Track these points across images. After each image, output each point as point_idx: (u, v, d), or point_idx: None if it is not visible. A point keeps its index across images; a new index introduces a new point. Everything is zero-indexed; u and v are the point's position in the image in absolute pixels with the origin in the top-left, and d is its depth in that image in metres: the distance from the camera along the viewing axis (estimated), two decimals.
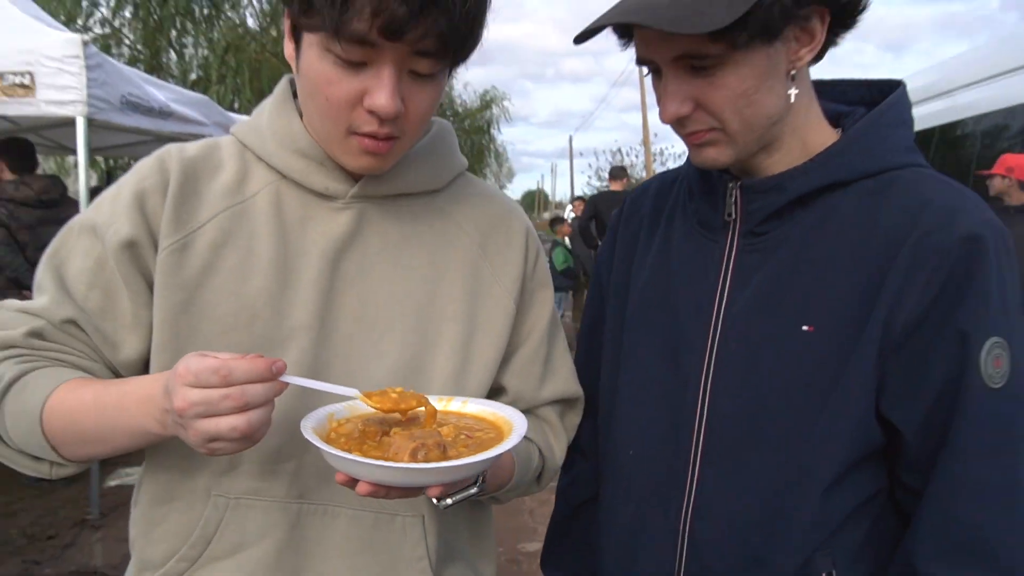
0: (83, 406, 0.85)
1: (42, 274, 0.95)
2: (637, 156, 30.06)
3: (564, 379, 1.09)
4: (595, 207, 7.62)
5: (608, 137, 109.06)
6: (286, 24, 0.90)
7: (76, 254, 0.94)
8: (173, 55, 12.28)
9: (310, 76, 0.86)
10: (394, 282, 0.97)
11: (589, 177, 42.42)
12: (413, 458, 0.75)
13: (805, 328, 0.88)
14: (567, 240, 10.15)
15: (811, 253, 0.90)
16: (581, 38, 0.89)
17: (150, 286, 0.92)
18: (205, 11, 11.98)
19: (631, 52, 0.93)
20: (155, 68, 11.94)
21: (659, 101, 0.92)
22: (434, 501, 0.84)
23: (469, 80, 32.76)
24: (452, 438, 0.82)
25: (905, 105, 0.96)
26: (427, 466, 0.74)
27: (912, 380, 0.85)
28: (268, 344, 0.91)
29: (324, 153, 0.94)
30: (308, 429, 0.78)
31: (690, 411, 0.96)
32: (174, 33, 11.92)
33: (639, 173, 29.53)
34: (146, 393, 0.81)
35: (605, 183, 8.77)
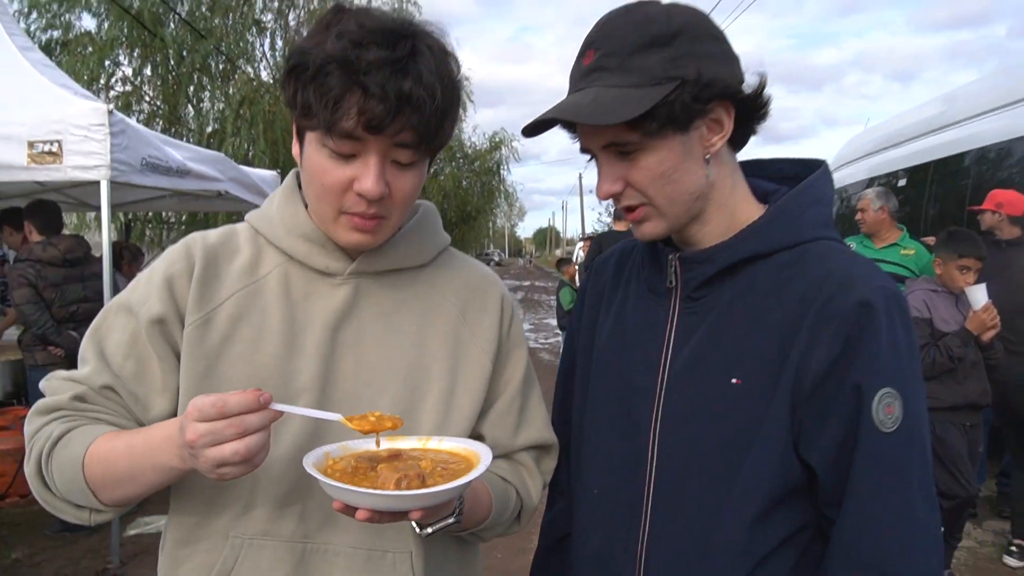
0: (116, 452, 0.99)
1: (85, 347, 1.10)
2: None
3: (538, 428, 1.22)
4: (599, 247, 7.74)
5: None
6: (294, 128, 1.06)
7: (114, 329, 1.09)
8: (191, 109, 12.68)
9: (310, 167, 1.02)
10: (387, 346, 1.11)
11: (600, 214, 42.69)
12: (397, 487, 0.88)
13: (734, 381, 1.02)
14: (576, 279, 10.28)
15: (737, 315, 1.04)
16: (528, 132, 1.06)
17: (177, 356, 1.07)
18: (221, 67, 12.40)
19: None
20: (173, 122, 12.34)
21: (597, 183, 1.07)
22: (417, 529, 0.99)
23: (478, 123, 33.23)
24: (430, 470, 0.94)
25: (822, 183, 1.09)
26: (408, 493, 0.87)
27: (820, 426, 0.97)
28: (282, 403, 1.03)
29: (325, 236, 1.09)
30: (309, 465, 0.91)
31: (643, 454, 1.09)
32: (192, 88, 12.33)
33: None
34: (167, 434, 0.95)
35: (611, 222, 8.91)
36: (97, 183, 3.88)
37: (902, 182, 6.87)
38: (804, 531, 1.02)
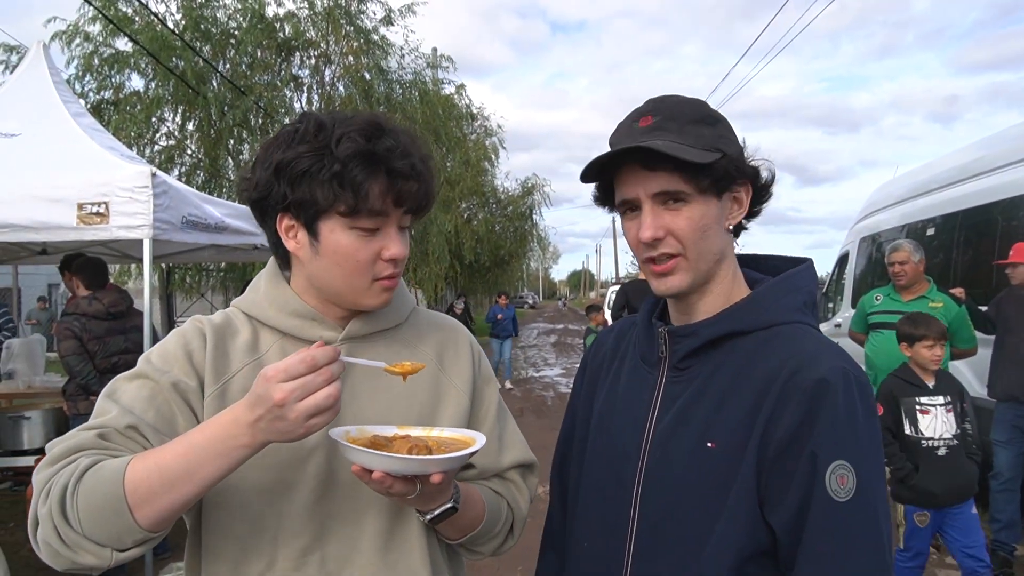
0: (167, 452, 1.01)
1: (101, 404, 1.13)
2: None
3: (519, 449, 1.37)
4: (626, 296, 7.77)
5: None
6: (284, 227, 1.16)
7: (130, 389, 1.14)
8: (230, 161, 13.14)
9: (337, 251, 1.14)
10: (379, 400, 1.23)
11: (633, 257, 42.60)
12: (409, 453, 1.03)
13: (709, 444, 1.10)
14: (604, 326, 10.30)
15: (715, 385, 1.13)
16: (589, 174, 1.17)
17: (196, 418, 1.16)
18: (260, 120, 12.87)
19: None
20: (214, 174, 12.80)
21: (634, 232, 1.15)
22: (420, 517, 1.15)
23: (511, 169, 33.65)
24: (436, 447, 1.09)
25: (801, 276, 1.20)
26: (419, 457, 1.02)
27: (781, 492, 1.04)
28: (294, 462, 1.15)
29: (315, 311, 1.22)
30: (335, 434, 1.05)
31: (626, 513, 1.17)
32: (232, 142, 12.80)
33: None
34: (230, 418, 0.99)
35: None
36: (140, 239, 4.08)
37: (931, 231, 6.81)
38: None
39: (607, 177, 1.18)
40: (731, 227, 1.17)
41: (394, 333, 1.30)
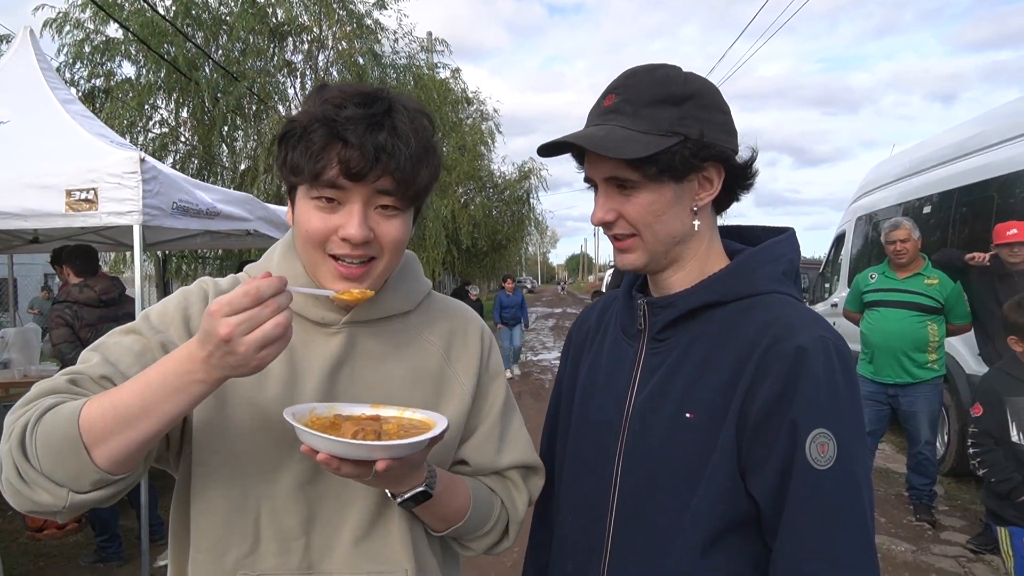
0: (124, 390, 0.97)
1: (87, 352, 1.12)
2: None
3: (521, 450, 1.31)
4: (621, 276, 7.75)
5: None
6: (288, 197, 1.17)
7: (121, 344, 1.12)
8: (225, 148, 13.07)
9: (300, 219, 1.11)
10: (378, 390, 1.19)
11: None
12: (355, 437, 0.99)
13: (687, 415, 1.09)
14: None
15: (694, 356, 1.12)
16: (544, 151, 1.17)
17: None
18: (254, 108, 12.79)
19: None
20: (208, 161, 12.73)
21: (593, 210, 1.18)
22: (391, 497, 1.11)
23: (508, 153, 33.51)
24: (393, 431, 1.04)
25: (782, 246, 1.19)
26: (361, 443, 0.97)
27: (761, 460, 1.04)
28: (283, 442, 1.13)
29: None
30: (288, 413, 1.01)
31: (607, 484, 1.17)
32: (226, 128, 12.71)
33: None
34: (184, 353, 0.95)
35: None
36: (129, 225, 4.06)
37: (928, 208, 6.79)
38: (758, 559, 1.07)
39: (579, 153, 1.18)
40: (696, 208, 1.14)
41: (402, 320, 1.26)
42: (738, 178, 1.16)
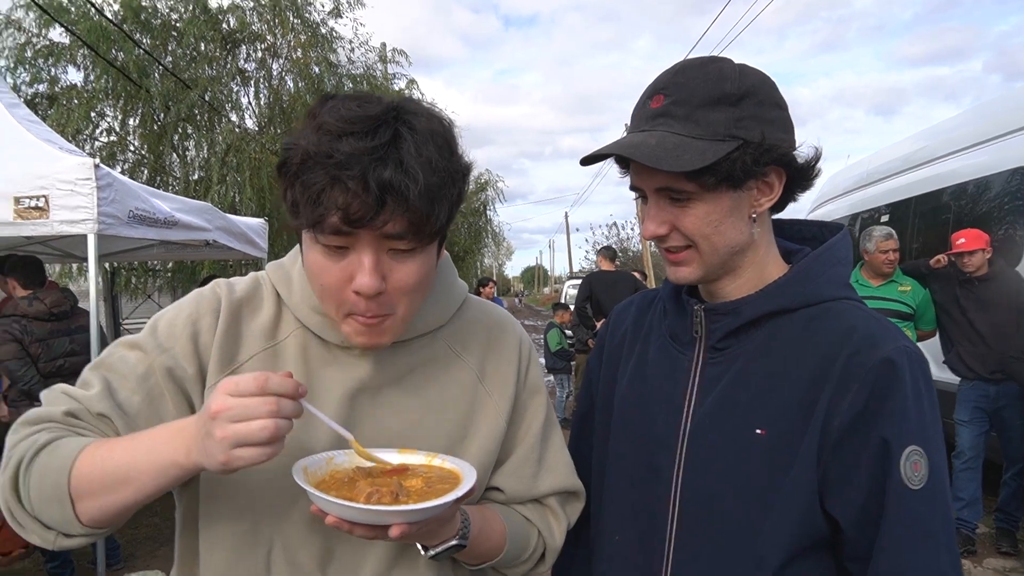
0: (116, 448, 0.92)
1: (89, 373, 1.04)
2: (633, 228, 30.56)
3: (562, 475, 1.20)
4: (590, 288, 7.74)
5: (604, 211, 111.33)
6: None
7: (126, 362, 1.03)
8: (176, 157, 12.69)
9: (310, 267, 1.00)
10: (404, 412, 1.09)
11: (587, 252, 42.96)
12: (367, 500, 0.87)
13: (758, 431, 1.02)
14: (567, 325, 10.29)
15: (761, 367, 1.05)
16: (587, 161, 1.08)
17: (190, 406, 1.04)
18: (206, 116, 12.47)
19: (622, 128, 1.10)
20: (159, 170, 12.35)
21: (642, 221, 1.09)
22: (422, 552, 1.00)
23: None
24: (417, 489, 0.93)
25: (843, 246, 1.12)
26: (373, 508, 0.86)
27: (846, 480, 0.97)
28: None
29: None
30: (299, 469, 0.91)
31: (664, 502, 1.09)
32: (176, 137, 12.35)
33: (636, 246, 29.91)
34: (179, 426, 0.90)
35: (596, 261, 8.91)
36: (83, 235, 3.87)
37: (884, 218, 6.95)
38: None
39: (623, 159, 1.08)
40: (755, 215, 1.06)
41: (433, 335, 1.14)
42: (800, 179, 1.07)
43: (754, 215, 1.06)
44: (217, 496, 1.03)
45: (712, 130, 0.99)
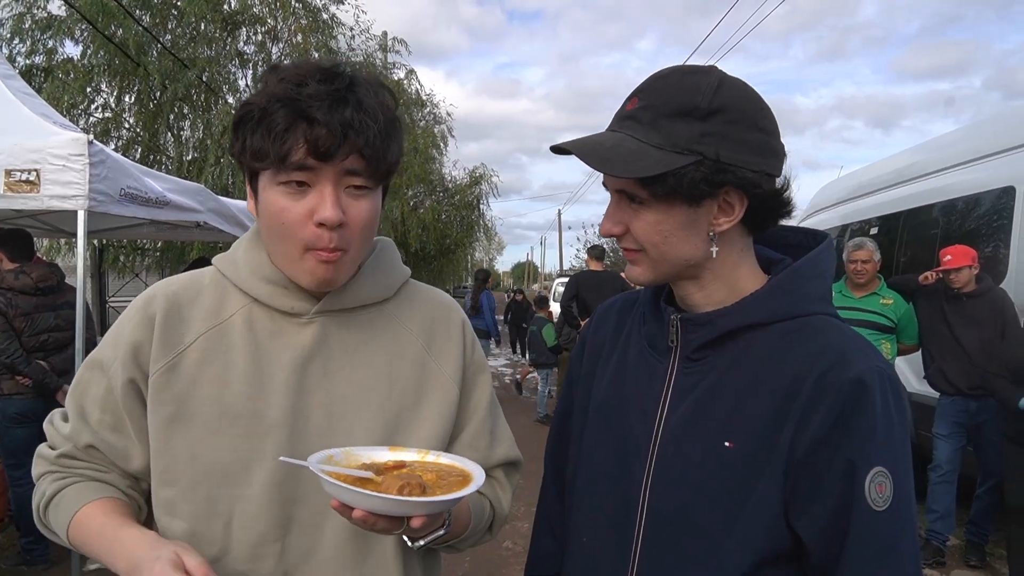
0: (91, 538, 1.07)
1: (68, 402, 1.16)
2: None
3: (507, 446, 1.29)
4: (576, 287, 7.75)
5: (598, 210, 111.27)
6: (247, 182, 1.10)
7: (91, 384, 1.14)
8: (171, 137, 12.62)
9: (268, 209, 1.04)
10: (356, 381, 1.12)
11: (578, 250, 43.00)
12: (400, 493, 0.91)
13: (727, 444, 1.02)
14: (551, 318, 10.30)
15: (733, 380, 1.05)
16: (555, 150, 1.08)
17: (146, 408, 1.09)
18: (203, 97, 12.39)
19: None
20: (152, 149, 12.28)
21: (603, 219, 1.11)
22: (408, 543, 1.03)
23: (459, 157, 33.37)
24: (434, 482, 0.97)
25: (824, 258, 1.10)
26: (413, 499, 0.90)
27: (811, 497, 0.98)
28: (249, 441, 1.05)
29: (287, 279, 1.10)
30: (315, 464, 0.93)
31: (633, 507, 1.09)
32: (172, 117, 12.29)
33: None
34: (132, 542, 1.00)
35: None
36: (74, 211, 3.85)
37: (874, 230, 7.01)
38: None
39: None
40: (713, 234, 1.03)
41: (378, 309, 1.19)
42: (763, 208, 1.04)
43: (711, 234, 1.03)
44: (171, 468, 1.07)
45: (672, 141, 0.97)
